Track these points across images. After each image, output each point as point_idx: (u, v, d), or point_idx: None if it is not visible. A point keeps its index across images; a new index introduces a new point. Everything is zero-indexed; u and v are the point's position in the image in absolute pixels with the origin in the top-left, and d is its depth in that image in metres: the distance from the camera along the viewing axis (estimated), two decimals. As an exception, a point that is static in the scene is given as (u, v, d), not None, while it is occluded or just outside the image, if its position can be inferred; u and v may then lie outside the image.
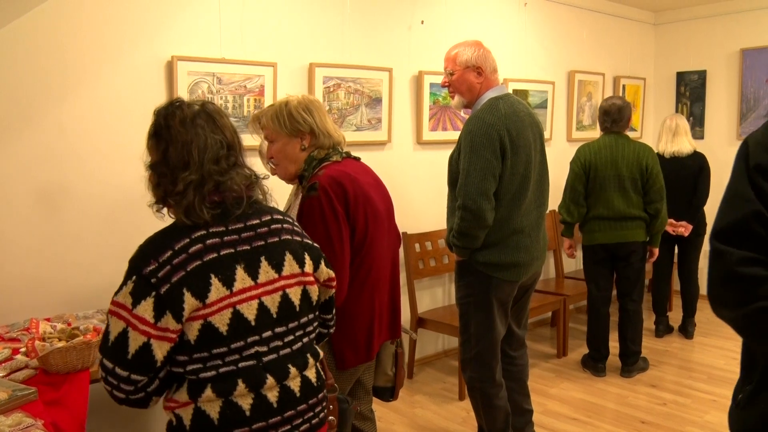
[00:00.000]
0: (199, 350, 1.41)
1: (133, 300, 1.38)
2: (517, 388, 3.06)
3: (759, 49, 5.62)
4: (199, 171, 1.47)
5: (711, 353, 4.70)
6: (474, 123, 2.67)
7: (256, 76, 3.44)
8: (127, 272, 1.42)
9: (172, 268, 1.39)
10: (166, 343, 1.39)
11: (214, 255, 1.44)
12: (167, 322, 1.38)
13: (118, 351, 1.39)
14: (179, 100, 1.56)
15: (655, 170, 4.02)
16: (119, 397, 1.44)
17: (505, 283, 2.74)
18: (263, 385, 1.46)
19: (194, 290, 1.39)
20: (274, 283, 1.50)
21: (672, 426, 3.56)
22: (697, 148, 4.88)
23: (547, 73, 5.15)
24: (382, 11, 4.01)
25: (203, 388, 1.42)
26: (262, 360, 1.47)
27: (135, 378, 1.40)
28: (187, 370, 1.43)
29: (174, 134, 1.49)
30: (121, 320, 1.39)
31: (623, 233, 4.07)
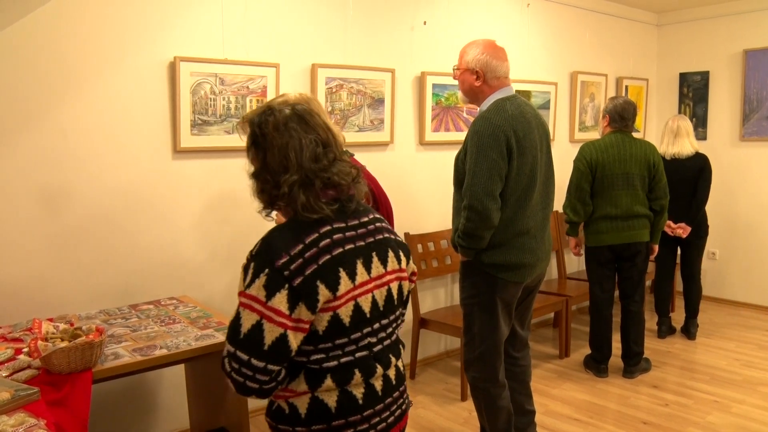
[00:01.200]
0: (325, 341, 1.48)
1: (267, 293, 1.42)
2: (519, 388, 3.06)
3: (762, 50, 5.61)
4: (300, 171, 1.51)
5: (713, 354, 4.69)
6: (481, 123, 2.66)
7: (259, 76, 3.45)
8: (256, 265, 1.45)
9: (304, 261, 1.44)
10: (300, 333, 1.45)
11: (340, 249, 1.50)
12: (300, 313, 1.43)
13: (253, 343, 1.43)
14: (270, 106, 1.60)
15: (660, 167, 4.07)
16: (252, 388, 1.47)
17: (510, 284, 2.74)
18: (374, 374, 1.56)
19: (327, 282, 1.45)
20: (382, 277, 1.58)
21: (673, 427, 3.55)
22: (700, 149, 4.87)
23: (549, 73, 5.15)
24: (385, 12, 4.01)
25: (323, 378, 1.50)
26: (372, 350, 1.56)
27: (271, 368, 1.45)
28: (311, 360, 1.50)
29: (270, 140, 1.54)
30: (254, 312, 1.43)
31: (631, 233, 4.05)
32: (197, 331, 2.57)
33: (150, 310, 2.89)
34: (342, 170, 1.56)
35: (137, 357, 2.27)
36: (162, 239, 3.24)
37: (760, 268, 5.80)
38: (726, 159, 5.91)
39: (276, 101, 1.61)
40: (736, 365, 4.46)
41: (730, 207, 5.91)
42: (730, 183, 5.89)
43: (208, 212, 3.40)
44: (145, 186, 3.17)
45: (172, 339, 2.47)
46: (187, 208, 3.32)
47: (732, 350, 4.77)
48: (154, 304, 3.02)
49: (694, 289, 5.02)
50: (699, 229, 4.81)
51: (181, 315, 2.81)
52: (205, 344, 2.44)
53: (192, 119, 3.24)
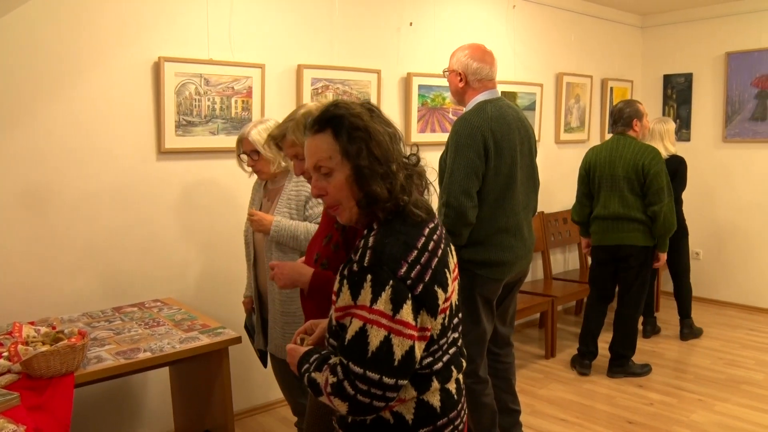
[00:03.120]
0: (434, 343, 1.46)
1: (393, 306, 1.35)
2: (503, 386, 3.08)
3: (744, 53, 5.66)
4: (402, 165, 1.47)
5: (698, 353, 4.72)
6: (460, 124, 2.75)
7: (244, 77, 3.43)
8: (375, 278, 1.36)
9: (422, 268, 1.39)
10: (424, 342, 1.42)
11: (441, 250, 1.47)
12: (424, 321, 1.40)
13: (383, 360, 1.34)
14: (336, 104, 1.50)
15: (652, 171, 3.95)
16: (377, 407, 1.39)
17: (489, 280, 2.79)
18: (461, 369, 1.56)
19: (442, 285, 1.43)
20: (455, 271, 1.57)
21: (658, 426, 3.57)
22: (680, 151, 4.90)
23: (535, 75, 5.17)
24: (371, 13, 4.01)
25: (431, 381, 1.46)
26: (458, 345, 1.56)
27: (401, 383, 1.38)
28: (423, 365, 1.44)
29: (371, 131, 1.45)
30: (381, 329, 1.35)
31: (619, 235, 4.08)
32: (182, 334, 2.55)
33: (134, 313, 2.87)
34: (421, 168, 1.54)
35: (120, 360, 2.25)
36: (146, 241, 3.21)
37: (743, 268, 5.85)
38: (709, 160, 5.96)
39: None
40: (720, 364, 4.49)
41: (714, 208, 5.96)
42: (713, 184, 5.94)
43: (193, 213, 3.37)
44: (129, 187, 3.14)
45: (156, 342, 2.45)
46: (172, 210, 3.30)
47: (716, 349, 4.80)
48: (138, 306, 2.99)
49: (681, 289, 5.05)
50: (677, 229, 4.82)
51: (165, 317, 2.79)
52: (190, 347, 2.43)
53: (177, 120, 3.22)
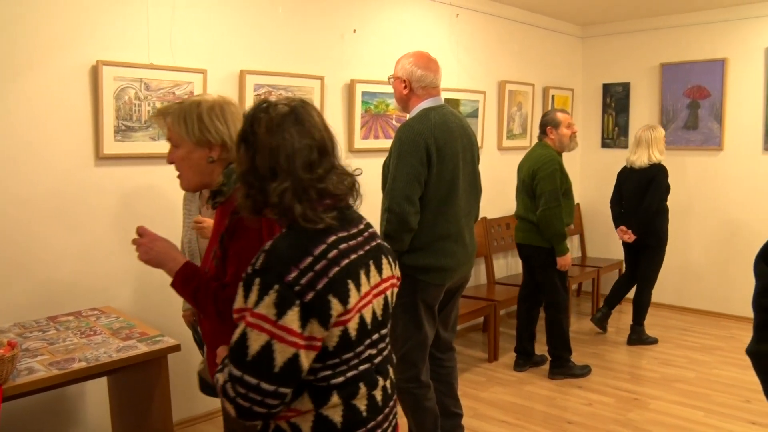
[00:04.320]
0: (333, 357, 1.41)
1: (278, 311, 1.32)
2: (445, 390, 3.11)
3: (676, 64, 5.89)
4: (289, 179, 1.42)
5: (634, 354, 4.88)
6: (403, 131, 2.78)
7: (186, 82, 3.40)
8: (262, 281, 1.34)
9: (315, 275, 1.35)
10: (312, 351, 1.37)
11: (347, 260, 1.42)
12: (313, 331, 1.35)
13: (262, 365, 1.33)
14: (267, 101, 1.49)
15: (539, 176, 4.13)
16: (259, 413, 1.37)
17: (431, 286, 2.82)
18: (376, 386, 1.50)
19: (339, 296, 1.37)
20: (379, 286, 1.52)
21: (596, 425, 3.68)
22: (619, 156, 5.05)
23: (478, 83, 5.26)
24: (315, 19, 4.02)
25: (329, 395, 1.42)
26: (374, 362, 1.50)
27: (282, 391, 1.36)
28: (318, 377, 1.42)
29: (260, 141, 1.43)
30: (263, 333, 1.32)
31: (522, 235, 4.35)
32: (119, 343, 2.50)
33: (70, 322, 2.80)
34: (337, 182, 1.48)
35: (53, 371, 2.20)
36: (84, 248, 3.15)
37: (677, 270, 6.06)
38: (646, 166, 6.16)
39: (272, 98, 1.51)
40: (655, 363, 4.65)
41: (650, 212, 6.16)
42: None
43: (133, 220, 3.31)
44: (65, 194, 3.07)
45: (93, 351, 2.40)
46: (111, 216, 3.24)
47: (651, 349, 4.97)
48: (74, 315, 2.93)
49: (639, 296, 5.12)
50: (646, 237, 4.94)
51: (102, 326, 2.73)
52: (127, 356, 2.38)
53: (116, 125, 3.17)
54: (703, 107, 5.78)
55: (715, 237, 5.85)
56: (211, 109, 1.90)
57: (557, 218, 4.11)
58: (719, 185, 5.79)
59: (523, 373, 4.46)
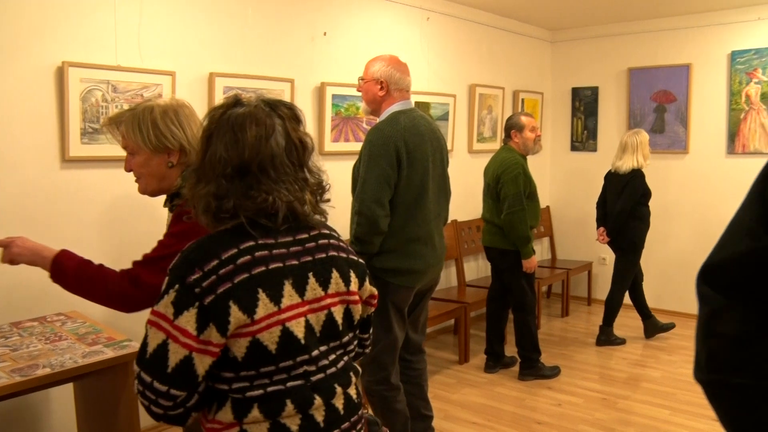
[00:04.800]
0: (247, 368, 1.35)
1: (175, 310, 1.29)
2: (416, 392, 3.13)
3: (643, 69, 5.99)
4: (245, 180, 1.37)
5: (603, 355, 4.94)
6: (374, 134, 2.79)
7: (154, 84, 3.37)
8: (169, 280, 1.33)
9: (217, 279, 1.31)
10: (208, 357, 1.31)
11: (262, 268, 1.35)
12: (210, 335, 1.30)
13: (156, 364, 1.30)
14: (235, 97, 1.44)
15: (502, 180, 4.18)
16: (157, 413, 1.35)
17: (401, 288, 2.83)
18: (311, 405, 1.40)
19: (241, 304, 1.31)
20: (320, 301, 1.43)
21: (565, 425, 3.72)
22: (589, 160, 5.12)
23: (448, 86, 5.29)
24: (285, 22, 4.01)
25: (249, 408, 1.36)
26: (310, 379, 1.40)
27: (174, 393, 1.31)
28: (233, 388, 1.36)
29: (218, 138, 1.38)
30: (161, 331, 1.30)
31: (488, 237, 4.40)
32: (85, 348, 2.47)
33: (34, 328, 2.75)
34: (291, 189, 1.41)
35: (16, 378, 2.16)
36: (49, 252, 3.09)
37: (645, 272, 6.14)
38: (614, 169, 6.25)
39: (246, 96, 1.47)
40: (623, 364, 4.72)
41: (618, 215, 6.25)
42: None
43: (101, 223, 3.28)
44: (30, 196, 3.02)
45: (57, 357, 2.36)
46: (78, 220, 3.19)
47: (619, 350, 5.04)
48: (39, 320, 2.88)
49: (608, 298, 5.17)
50: (619, 240, 5.00)
51: (68, 331, 2.69)
52: (93, 361, 2.35)
53: (82, 127, 3.13)
54: (670, 111, 5.88)
55: (681, 238, 5.95)
56: (164, 113, 1.86)
57: (521, 222, 4.14)
58: (685, 188, 5.90)
59: (493, 375, 4.49)
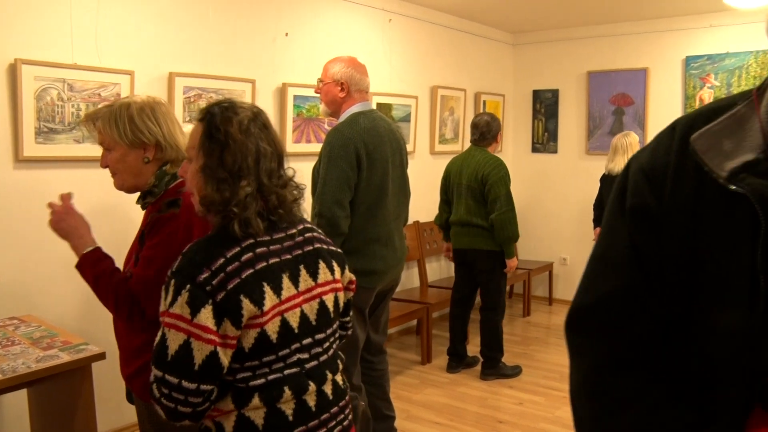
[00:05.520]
0: (251, 358, 1.43)
1: (192, 309, 1.35)
2: (377, 393, 3.13)
3: (602, 73, 6.10)
4: (254, 183, 1.46)
5: (564, 353, 4.92)
6: (333, 135, 2.80)
7: (112, 84, 3.31)
8: (176, 283, 1.38)
9: (226, 276, 1.39)
10: (229, 350, 1.40)
11: (264, 264, 1.45)
12: (226, 329, 1.38)
13: (182, 364, 1.35)
14: (230, 101, 1.52)
15: (491, 181, 4.17)
16: (184, 413, 1.39)
17: (361, 289, 2.83)
18: (306, 391, 1.49)
19: (252, 297, 1.40)
20: (311, 290, 1.53)
21: (527, 423, 3.76)
22: (550, 161, 5.20)
23: (410, 87, 5.31)
24: (246, 22, 3.98)
25: (251, 397, 1.43)
26: (304, 367, 1.50)
27: (204, 388, 1.38)
28: (237, 378, 1.44)
29: (232, 140, 1.45)
30: (180, 332, 1.36)
31: (466, 240, 4.35)
32: (39, 352, 2.41)
33: (-15, 332, 2.68)
34: (290, 193, 1.53)
35: (-34, 383, 2.10)
36: (3, 254, 3.02)
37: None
38: (574, 171, 6.36)
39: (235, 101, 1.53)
40: (583, 363, 4.78)
41: (579, 215, 6.34)
42: (579, 193, 6.32)
43: (54, 225, 3.20)
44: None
45: (9, 362, 2.30)
46: (31, 221, 3.11)
47: (580, 349, 5.11)
48: (-9, 325, 2.81)
49: None
50: None
51: (21, 336, 2.63)
52: (48, 365, 2.30)
53: (37, 126, 3.06)
54: (628, 114, 6.00)
55: (638, 239, 6.06)
56: (141, 110, 1.90)
57: (512, 221, 4.18)
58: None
59: (455, 375, 4.52)
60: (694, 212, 0.80)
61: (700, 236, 0.80)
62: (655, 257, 0.83)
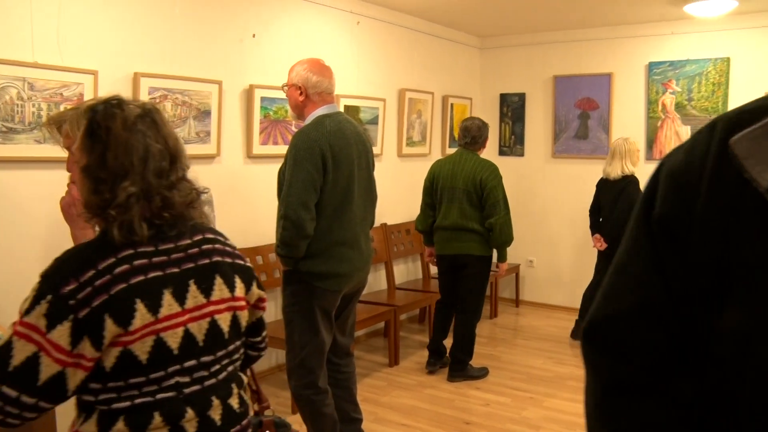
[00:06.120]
0: (115, 379, 1.29)
1: (48, 323, 1.23)
2: (344, 396, 3.13)
3: (568, 77, 6.19)
4: (140, 183, 1.33)
5: (530, 354, 5.06)
6: (299, 137, 2.79)
7: (75, 83, 3.25)
8: (40, 290, 1.26)
9: (93, 290, 1.26)
10: (81, 371, 1.26)
11: (141, 278, 1.31)
12: (83, 349, 1.25)
13: (25, 377, 1.22)
14: (117, 98, 1.41)
15: (490, 185, 4.19)
16: (11, 423, 1.26)
17: (327, 292, 2.84)
18: (182, 417, 1.35)
19: (117, 317, 1.26)
20: (201, 308, 1.39)
21: (493, 424, 3.79)
22: (517, 164, 5.24)
23: (378, 90, 5.32)
24: (213, 22, 3.95)
25: (115, 420, 1.30)
26: (183, 391, 1.36)
27: (43, 406, 1.25)
28: (99, 399, 1.31)
29: (114, 137, 1.33)
30: (31, 343, 1.23)
31: (458, 245, 4.30)
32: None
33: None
34: (181, 195, 1.40)
35: None
36: (-42, 257, 2.95)
37: (569, 273, 6.34)
38: (540, 174, 6.43)
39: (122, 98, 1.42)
40: (549, 363, 4.84)
41: (545, 218, 6.42)
42: (544, 196, 6.40)
43: (16, 227, 3.14)
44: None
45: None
46: (-11, 223, 3.05)
47: (546, 349, 5.17)
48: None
49: None
50: (613, 245, 5.03)
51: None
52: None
53: (-5, 126, 2.99)
54: (593, 118, 6.09)
55: (603, 241, 6.15)
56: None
57: (510, 225, 4.22)
58: (607, 192, 6.10)
59: (423, 377, 4.53)
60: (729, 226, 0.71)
61: (736, 253, 0.70)
62: (681, 274, 0.75)
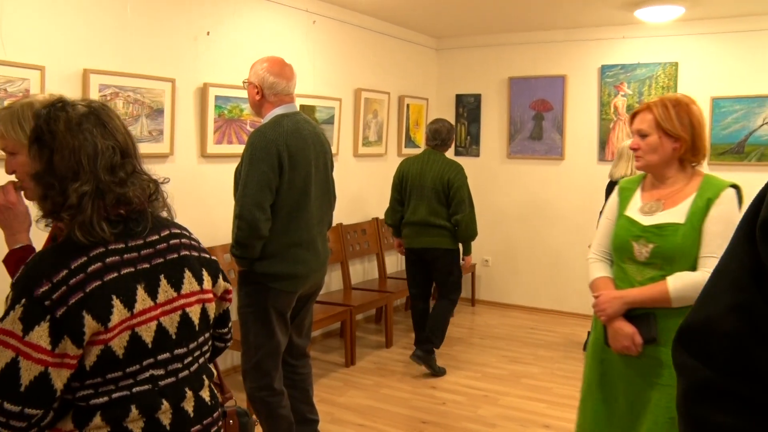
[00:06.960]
0: (93, 376, 1.32)
1: (24, 326, 1.24)
2: (300, 397, 3.11)
3: (522, 79, 6.27)
4: (93, 181, 1.34)
5: (486, 353, 5.11)
6: (255, 137, 2.75)
7: (19, 79, 3.15)
8: (14, 295, 1.27)
9: (68, 289, 1.27)
10: (65, 369, 1.28)
11: (115, 275, 1.34)
12: (66, 348, 1.26)
13: (6, 384, 1.23)
14: (61, 100, 1.41)
15: (456, 185, 4.42)
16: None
17: (282, 293, 2.81)
18: (158, 409, 1.39)
19: (95, 313, 1.28)
20: (173, 302, 1.43)
21: (449, 423, 3.81)
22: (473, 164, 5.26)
23: (334, 89, 5.30)
24: (166, 19, 3.88)
25: (91, 416, 1.33)
26: (158, 384, 1.40)
27: (29, 412, 1.25)
28: (77, 397, 1.33)
29: (59, 140, 1.34)
30: (8, 349, 1.24)
31: (426, 239, 4.51)
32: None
33: None
34: (137, 188, 1.41)
35: None
36: None
37: (526, 272, 6.43)
38: (496, 174, 6.50)
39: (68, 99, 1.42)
40: (504, 361, 4.90)
41: (501, 217, 6.49)
42: (500, 197, 6.47)
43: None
44: None
45: None
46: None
47: (501, 348, 5.23)
48: None
49: None
50: None
51: None
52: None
53: (-65, 124, 2.88)
54: (547, 119, 6.18)
55: (557, 240, 6.26)
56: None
57: (474, 222, 4.51)
58: (561, 191, 6.21)
59: (379, 377, 4.53)
60: None
61: None
62: None
